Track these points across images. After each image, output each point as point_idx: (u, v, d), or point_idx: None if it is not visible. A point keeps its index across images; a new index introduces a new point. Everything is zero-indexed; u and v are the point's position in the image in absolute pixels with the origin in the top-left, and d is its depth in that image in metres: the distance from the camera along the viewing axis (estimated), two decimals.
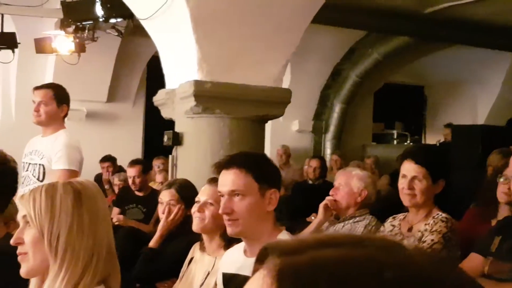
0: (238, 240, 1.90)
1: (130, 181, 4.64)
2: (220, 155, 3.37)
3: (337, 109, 8.06)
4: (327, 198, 2.90)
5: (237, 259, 1.78)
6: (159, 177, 5.49)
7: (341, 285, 0.42)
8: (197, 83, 3.47)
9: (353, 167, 3.73)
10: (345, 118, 8.13)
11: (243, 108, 3.58)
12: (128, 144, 7.24)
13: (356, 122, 8.30)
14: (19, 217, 1.41)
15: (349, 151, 7.67)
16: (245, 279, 1.68)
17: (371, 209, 2.92)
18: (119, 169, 5.90)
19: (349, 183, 2.88)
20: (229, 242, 2.10)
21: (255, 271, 0.47)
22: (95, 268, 1.35)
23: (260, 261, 0.48)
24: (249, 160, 1.79)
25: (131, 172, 4.62)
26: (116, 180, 5.35)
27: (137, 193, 4.60)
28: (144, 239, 3.12)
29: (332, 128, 8.09)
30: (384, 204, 3.66)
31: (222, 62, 3.50)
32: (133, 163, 4.74)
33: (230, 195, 1.73)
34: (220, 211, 1.76)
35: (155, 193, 4.35)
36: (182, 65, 3.60)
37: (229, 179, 1.73)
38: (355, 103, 8.15)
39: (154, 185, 5.16)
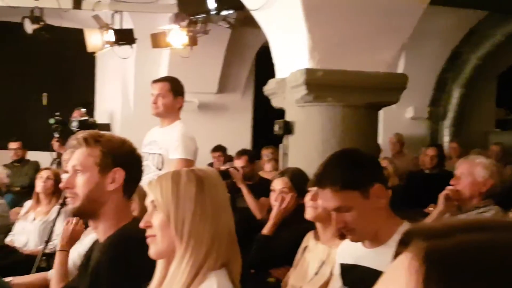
0: None
1: None
2: (332, 143, 3.39)
3: (456, 94, 7.69)
4: (448, 188, 2.80)
5: (355, 250, 1.79)
6: (268, 167, 5.62)
7: (490, 270, 0.42)
8: (309, 71, 3.50)
9: (476, 155, 3.56)
10: (465, 104, 7.73)
11: (355, 95, 3.55)
12: (237, 134, 7.46)
13: (477, 108, 7.87)
14: (147, 202, 1.53)
15: (469, 139, 7.30)
16: (365, 270, 1.69)
17: (496, 200, 2.78)
18: (230, 159, 6.12)
19: (472, 172, 2.75)
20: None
21: (397, 254, 0.48)
22: (218, 253, 1.43)
23: (403, 244, 0.49)
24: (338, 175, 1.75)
25: (238, 162, 4.77)
26: None
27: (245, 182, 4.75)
28: (255, 225, 3.23)
29: (450, 114, 7.74)
30: (509, 194, 3.46)
31: (334, 49, 3.50)
32: (240, 153, 4.90)
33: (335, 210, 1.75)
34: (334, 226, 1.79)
35: (263, 182, 4.46)
36: (293, 54, 3.65)
37: (329, 198, 1.74)
38: (476, 87, 7.72)
39: (263, 175, 5.28)
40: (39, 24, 5.45)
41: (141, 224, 1.50)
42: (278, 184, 2.93)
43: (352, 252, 1.82)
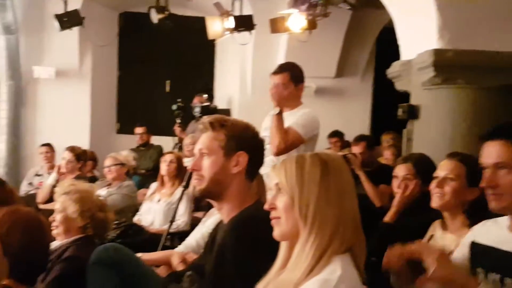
0: (483, 219, 1.81)
1: None
2: (462, 128, 3.22)
3: None
4: None
5: (496, 233, 1.70)
6: (387, 153, 5.48)
7: None
8: (437, 52, 3.35)
9: None
10: None
11: (489, 77, 3.34)
12: (355, 119, 7.34)
13: None
14: (272, 184, 1.57)
15: None
16: (505, 254, 1.58)
17: None
18: (347, 145, 6.05)
19: None
20: (474, 220, 2.01)
21: None
22: (342, 237, 1.43)
23: None
24: None
25: (356, 148, 4.70)
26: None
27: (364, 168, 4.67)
28: (374, 213, 3.18)
29: None
30: None
31: (466, 28, 3.31)
32: (358, 139, 4.82)
33: (494, 167, 1.64)
34: (481, 184, 1.68)
35: (383, 169, 4.36)
36: (420, 34, 3.51)
37: (494, 151, 1.64)
38: None
39: (383, 161, 5.17)
40: (164, 13, 5.74)
41: (266, 206, 1.54)
42: (401, 171, 2.85)
43: (492, 234, 1.72)
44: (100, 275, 2.34)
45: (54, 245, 2.60)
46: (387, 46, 5.12)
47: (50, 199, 4.88)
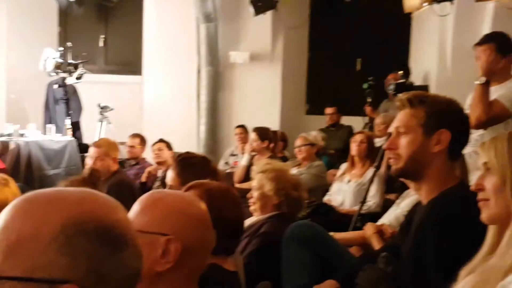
0: None
1: None
2: None
3: None
4: None
5: None
6: None
7: None
8: None
9: None
10: None
11: None
12: None
13: None
14: (479, 163, 1.47)
15: None
16: None
17: None
18: None
19: None
20: None
21: None
22: None
23: None
24: None
25: None
26: None
27: None
28: None
29: None
30: None
31: None
32: None
33: None
34: None
35: None
36: None
37: None
38: None
39: None
40: None
41: (473, 187, 1.46)
42: None
43: None
44: (294, 251, 2.43)
45: (251, 220, 2.77)
46: None
47: (244, 179, 5.21)
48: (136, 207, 1.28)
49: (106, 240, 0.80)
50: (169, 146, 5.45)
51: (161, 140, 5.47)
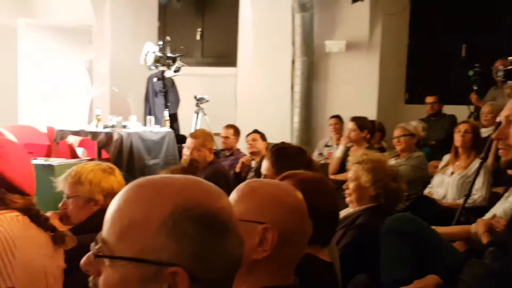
0: None
1: None
2: None
3: None
4: None
5: None
6: None
7: None
8: None
9: None
10: None
11: None
12: None
13: None
14: None
15: None
16: None
17: None
18: None
19: None
20: None
21: None
22: None
23: None
24: None
25: None
26: None
27: None
28: None
29: None
30: None
31: None
32: None
33: None
34: None
35: None
36: None
37: None
38: None
39: None
40: None
41: None
42: None
43: None
44: (393, 244, 2.38)
45: (347, 212, 2.74)
46: None
47: (339, 170, 5.16)
48: (233, 196, 1.31)
49: (211, 226, 0.83)
50: (263, 137, 5.51)
51: (255, 131, 5.55)
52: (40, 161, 5.15)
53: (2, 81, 7.96)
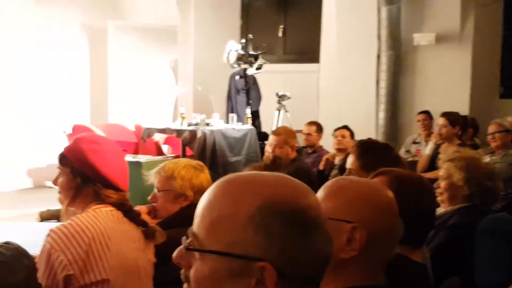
0: None
1: None
2: None
3: None
4: None
5: None
6: None
7: None
8: None
9: None
10: None
11: None
12: None
13: None
14: None
15: None
16: None
17: None
18: None
19: None
20: None
21: None
22: None
23: None
24: None
25: None
26: None
27: None
28: None
29: None
30: None
31: None
32: None
33: None
34: None
35: None
36: None
37: None
38: None
39: None
40: None
41: None
42: None
43: None
44: (491, 245, 2.28)
45: (438, 211, 2.64)
46: None
47: (428, 168, 4.98)
48: (320, 193, 1.29)
49: (298, 222, 0.83)
50: (352, 135, 5.42)
51: (345, 127, 5.47)
52: (129, 157, 5.37)
53: (95, 82, 8.39)
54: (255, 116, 7.60)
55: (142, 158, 5.68)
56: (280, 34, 8.67)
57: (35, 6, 7.59)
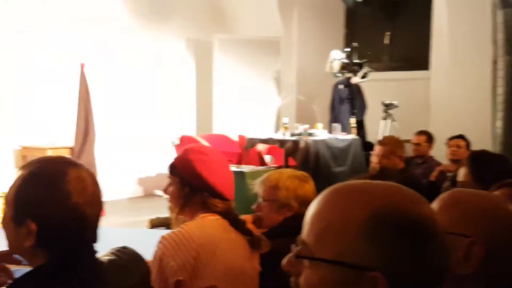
0: None
1: None
2: None
3: None
4: None
5: None
6: None
7: None
8: None
9: None
10: None
11: None
12: None
13: None
14: None
15: None
16: None
17: None
18: None
19: None
20: None
21: None
22: None
23: None
24: None
25: None
26: None
27: None
28: None
29: None
30: None
31: None
32: None
33: None
34: None
35: None
36: None
37: None
38: None
39: None
40: None
41: None
42: None
43: None
44: None
45: None
46: None
47: None
48: (435, 205, 1.25)
49: (410, 232, 0.81)
50: (468, 145, 5.17)
51: (460, 136, 5.23)
52: (233, 167, 5.49)
53: (200, 93, 8.69)
54: (360, 125, 7.50)
55: (245, 168, 5.79)
56: (386, 41, 8.50)
57: (146, 23, 7.99)
